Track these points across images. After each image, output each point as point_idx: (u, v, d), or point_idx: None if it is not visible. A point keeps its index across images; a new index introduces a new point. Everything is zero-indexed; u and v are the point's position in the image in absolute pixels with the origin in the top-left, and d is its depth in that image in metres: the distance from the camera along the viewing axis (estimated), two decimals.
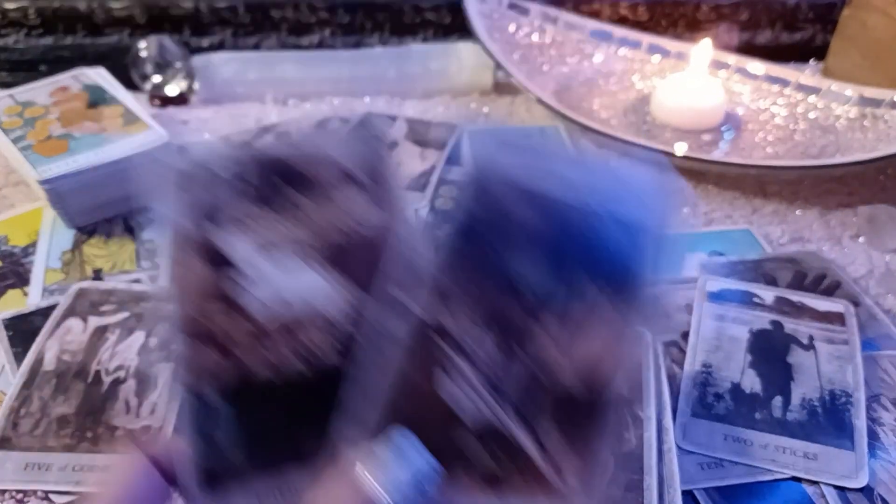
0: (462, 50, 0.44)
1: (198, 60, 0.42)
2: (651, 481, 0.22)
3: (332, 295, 0.14)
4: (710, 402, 0.25)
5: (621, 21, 0.48)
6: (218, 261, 0.14)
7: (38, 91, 0.37)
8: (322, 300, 0.14)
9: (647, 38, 0.45)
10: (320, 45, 0.48)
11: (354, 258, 0.14)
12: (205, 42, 0.48)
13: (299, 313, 0.14)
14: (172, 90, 0.42)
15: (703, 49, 0.41)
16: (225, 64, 0.43)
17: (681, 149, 0.38)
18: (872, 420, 0.25)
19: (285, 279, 0.14)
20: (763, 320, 0.28)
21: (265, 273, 0.14)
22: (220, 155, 0.14)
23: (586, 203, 0.14)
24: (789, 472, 0.23)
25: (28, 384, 0.25)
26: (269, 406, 0.14)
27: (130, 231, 0.33)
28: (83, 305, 0.28)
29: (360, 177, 0.14)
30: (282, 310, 0.14)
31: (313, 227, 0.14)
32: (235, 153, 0.14)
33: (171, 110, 0.42)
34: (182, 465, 0.14)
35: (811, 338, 0.27)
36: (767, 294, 0.29)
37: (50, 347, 0.27)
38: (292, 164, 0.14)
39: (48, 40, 0.47)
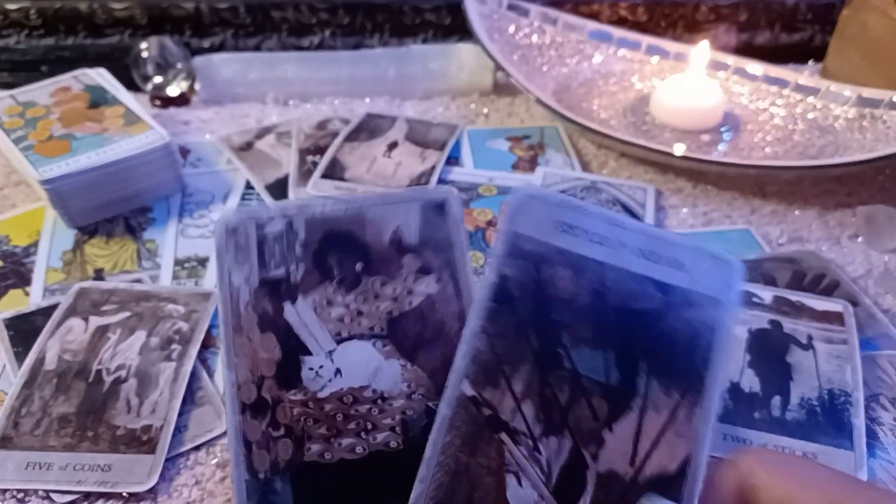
0: (462, 51, 0.44)
1: (199, 61, 0.43)
2: None
3: (391, 373, 0.14)
4: None
5: (620, 22, 0.48)
6: (281, 334, 0.14)
7: (40, 91, 0.38)
8: (380, 378, 0.14)
9: (646, 39, 0.45)
10: (321, 46, 0.48)
11: (408, 331, 0.14)
12: (206, 43, 0.48)
13: (357, 389, 0.14)
14: (173, 91, 0.42)
15: (702, 50, 0.41)
16: (226, 64, 0.43)
17: (680, 149, 0.38)
18: (871, 420, 0.25)
19: (345, 354, 0.14)
20: (762, 320, 0.28)
21: (325, 348, 0.14)
22: (275, 211, 0.14)
23: (656, 296, 0.13)
24: None
25: (29, 384, 0.25)
26: (325, 484, 0.14)
27: (131, 231, 0.33)
28: (84, 305, 0.29)
29: (415, 246, 0.14)
30: (340, 384, 0.14)
31: (372, 300, 0.14)
32: (290, 211, 0.14)
33: (172, 111, 0.43)
34: None
35: (810, 337, 0.27)
36: (766, 294, 0.29)
37: (51, 347, 0.27)
38: (358, 236, 0.14)
39: (49, 41, 0.47)
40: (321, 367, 0.14)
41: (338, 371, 0.14)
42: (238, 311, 0.14)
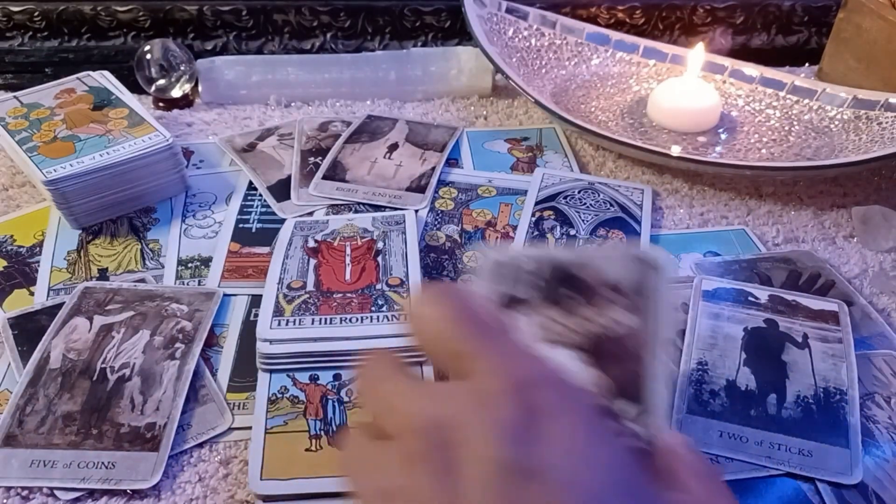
0: (461, 53, 0.44)
1: (202, 63, 0.43)
2: None
3: (589, 377, 0.17)
4: (705, 400, 0.25)
5: (618, 25, 0.49)
6: None
7: (44, 93, 0.38)
8: (578, 379, 0.17)
9: (643, 42, 0.46)
10: (322, 49, 0.49)
11: (607, 350, 0.17)
12: (208, 45, 0.48)
13: None
14: (177, 93, 0.43)
15: (699, 52, 0.41)
16: (228, 67, 0.43)
17: (677, 150, 0.39)
18: (867, 418, 0.25)
19: (553, 357, 0.17)
20: (758, 319, 0.28)
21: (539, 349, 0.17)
22: (525, 255, 0.18)
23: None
24: (784, 469, 0.23)
25: (34, 382, 0.26)
26: None
27: (135, 231, 0.34)
28: (88, 304, 0.29)
29: (624, 289, 0.18)
30: None
31: (580, 322, 0.18)
32: (535, 255, 0.18)
33: (176, 113, 0.43)
34: None
35: (805, 336, 0.28)
36: (762, 293, 0.30)
37: (55, 346, 0.27)
38: (575, 271, 0.18)
39: (53, 43, 0.47)
40: None
41: None
42: (492, 314, 0.17)
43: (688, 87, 0.41)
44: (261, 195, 0.36)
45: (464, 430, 0.13)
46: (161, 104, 0.43)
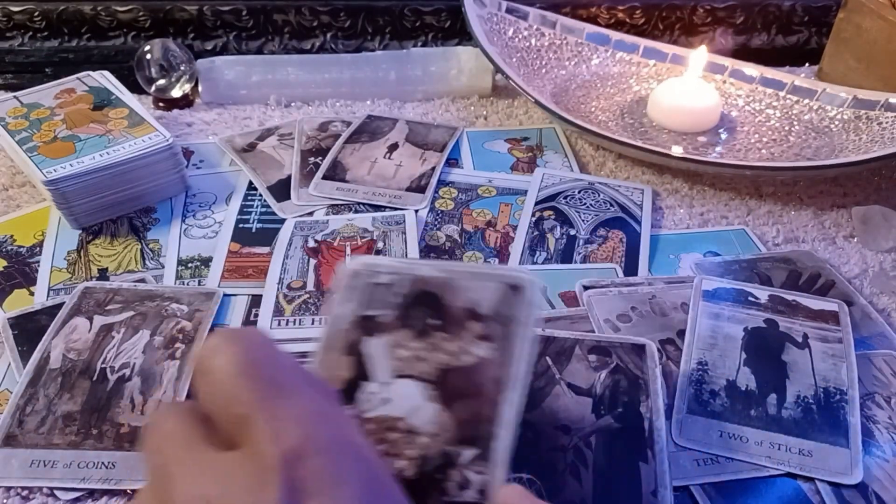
0: (461, 53, 0.44)
1: (202, 63, 0.43)
2: None
3: (427, 414, 0.16)
4: (705, 400, 0.25)
5: (618, 25, 0.49)
6: (356, 359, 0.17)
7: (44, 93, 0.38)
8: (418, 415, 0.16)
9: (643, 42, 0.46)
10: (322, 49, 0.49)
11: (453, 383, 0.16)
12: (208, 45, 0.48)
13: (395, 419, 0.16)
14: (177, 93, 0.43)
15: (699, 52, 0.41)
16: (228, 67, 0.43)
17: (677, 150, 0.39)
18: (867, 418, 0.25)
19: (397, 388, 0.16)
20: (758, 319, 0.28)
21: (382, 379, 0.17)
22: (387, 266, 0.18)
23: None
24: (784, 469, 0.23)
25: (34, 382, 0.26)
26: None
27: (135, 231, 0.34)
28: (88, 304, 0.29)
29: (484, 314, 0.17)
30: (384, 411, 0.16)
31: (429, 348, 0.17)
32: (397, 267, 0.17)
33: (176, 113, 0.43)
34: None
35: (805, 336, 0.28)
36: (762, 293, 0.30)
37: (55, 346, 0.27)
38: (434, 290, 0.17)
39: (53, 43, 0.47)
40: (374, 393, 0.17)
41: (386, 400, 0.17)
42: (335, 334, 0.17)
43: (688, 87, 0.41)
44: (261, 195, 0.36)
45: None
46: (161, 104, 0.43)
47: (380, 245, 0.32)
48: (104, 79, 0.39)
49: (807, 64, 0.48)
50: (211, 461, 0.13)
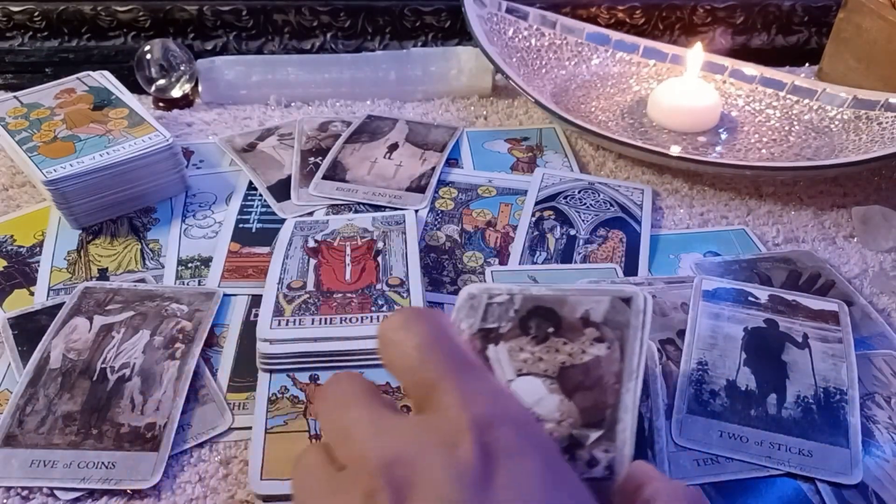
0: (461, 53, 0.44)
1: (202, 63, 0.43)
2: None
3: (550, 404, 0.17)
4: (705, 400, 0.25)
5: (618, 25, 0.49)
6: (483, 363, 0.18)
7: (44, 93, 0.38)
8: (541, 405, 0.17)
9: (643, 42, 0.46)
10: (322, 49, 0.49)
11: (573, 377, 0.18)
12: (208, 45, 0.48)
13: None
14: (177, 93, 0.43)
15: (699, 52, 0.41)
16: (228, 67, 0.43)
17: (677, 150, 0.39)
18: (867, 418, 0.25)
19: (520, 384, 0.18)
20: (758, 319, 0.28)
21: (507, 377, 0.18)
22: (499, 288, 0.19)
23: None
24: (784, 469, 0.23)
25: (34, 382, 0.26)
26: None
27: (135, 231, 0.34)
28: (88, 304, 0.29)
29: (596, 321, 0.18)
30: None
31: (547, 350, 0.18)
32: (508, 288, 0.19)
33: (176, 113, 0.43)
34: None
35: (805, 336, 0.28)
36: (762, 293, 0.30)
37: (55, 346, 0.27)
38: (556, 311, 0.19)
39: (53, 43, 0.47)
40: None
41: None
42: (460, 346, 0.18)
43: (688, 87, 0.41)
44: (261, 195, 0.36)
45: (419, 470, 0.12)
46: (161, 104, 0.43)
47: (380, 245, 0.32)
48: (104, 79, 0.39)
49: (807, 64, 0.48)
50: (395, 422, 0.14)
